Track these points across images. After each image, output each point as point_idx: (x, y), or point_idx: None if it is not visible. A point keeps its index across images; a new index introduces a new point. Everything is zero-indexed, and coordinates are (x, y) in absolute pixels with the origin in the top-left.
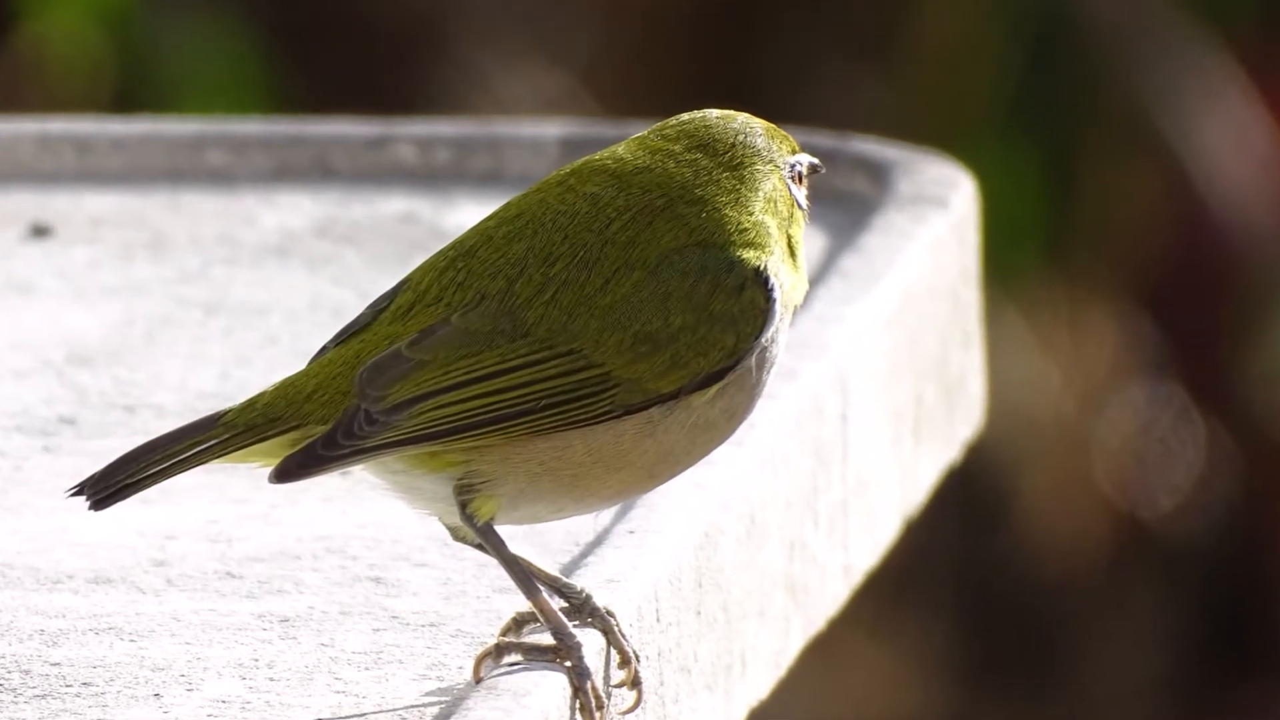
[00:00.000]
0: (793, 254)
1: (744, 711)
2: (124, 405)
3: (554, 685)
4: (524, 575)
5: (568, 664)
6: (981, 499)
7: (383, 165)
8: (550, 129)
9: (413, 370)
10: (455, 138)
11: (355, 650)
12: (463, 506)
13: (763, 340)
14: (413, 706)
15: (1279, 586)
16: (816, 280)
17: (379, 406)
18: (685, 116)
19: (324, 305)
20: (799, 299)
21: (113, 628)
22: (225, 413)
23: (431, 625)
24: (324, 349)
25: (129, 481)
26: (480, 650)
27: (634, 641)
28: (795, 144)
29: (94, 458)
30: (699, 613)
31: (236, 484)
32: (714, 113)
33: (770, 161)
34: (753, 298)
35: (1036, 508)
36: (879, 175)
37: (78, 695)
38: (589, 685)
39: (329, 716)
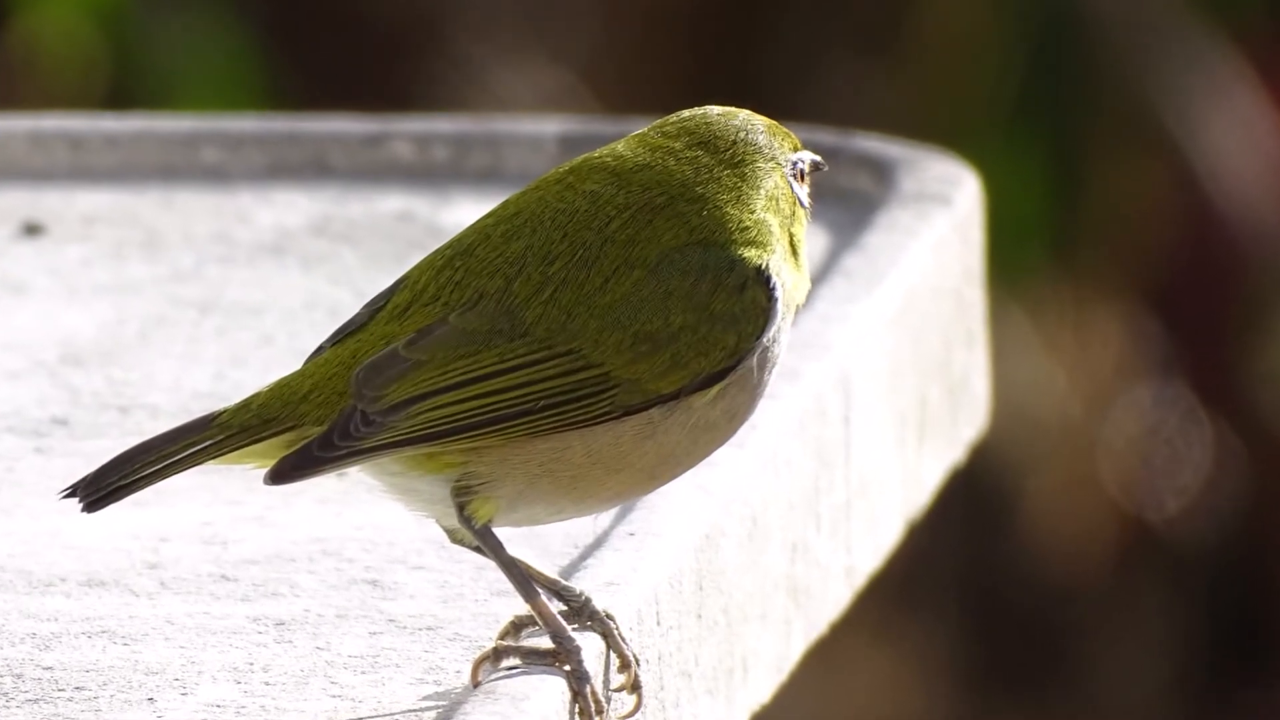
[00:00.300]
0: (795, 252)
1: (745, 716)
2: (117, 406)
3: (553, 689)
4: (522, 578)
5: (567, 668)
6: (986, 501)
7: (380, 163)
8: (549, 126)
9: (410, 370)
10: (453, 135)
11: (351, 654)
12: (460, 508)
13: (764, 340)
14: (410, 711)
15: None
16: (819, 279)
17: (375, 407)
18: (686, 113)
19: (320, 304)
20: (801, 298)
21: (106, 631)
22: (220, 413)
23: (429, 629)
24: (320, 349)
25: (122, 483)
26: (478, 654)
27: (634, 645)
28: (797, 141)
29: (87, 459)
30: (700, 616)
31: (231, 486)
32: (715, 109)
33: (772, 159)
34: (754, 297)
35: (1041, 509)
36: (882, 173)
37: (70, 700)
38: (588, 689)
39: None
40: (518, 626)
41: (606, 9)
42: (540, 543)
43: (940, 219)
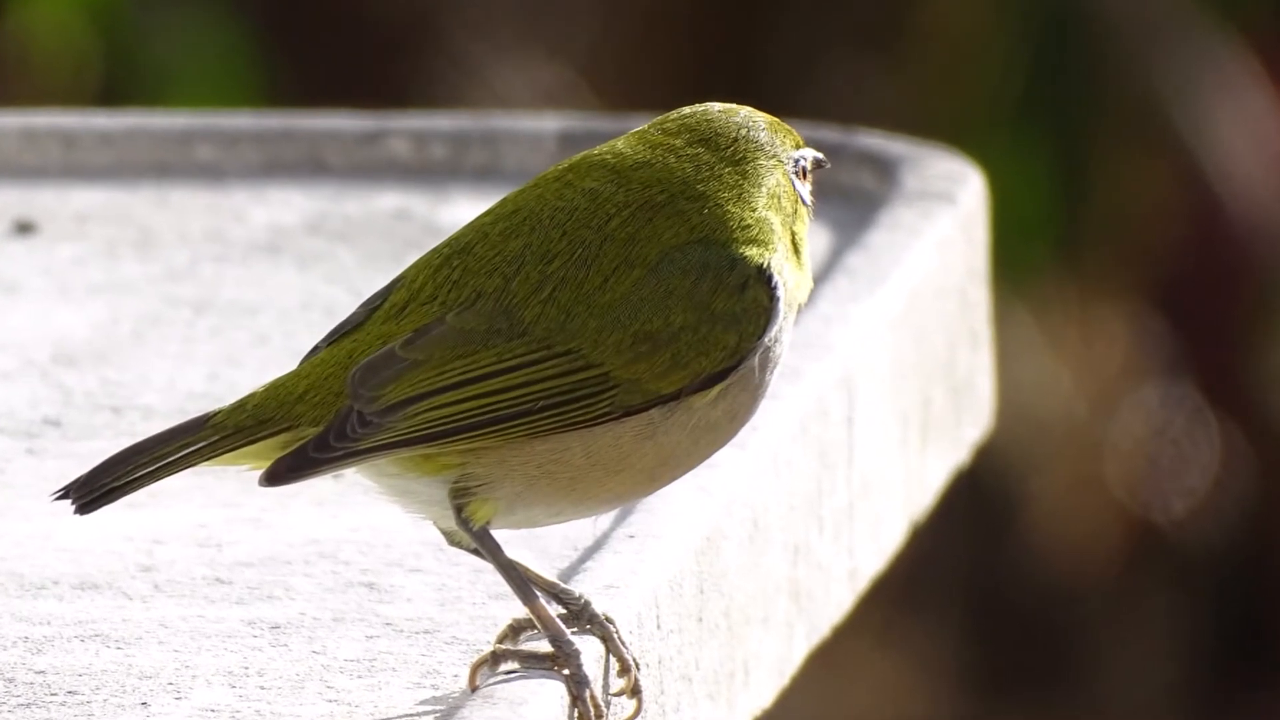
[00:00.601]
0: (797, 251)
1: None
2: (110, 406)
3: (551, 694)
4: (521, 581)
5: (566, 672)
6: (990, 502)
7: (376, 160)
8: (548, 123)
9: (407, 370)
10: (450, 132)
11: (347, 658)
12: (458, 510)
13: (766, 340)
14: (407, 715)
15: None
16: (821, 278)
17: (372, 408)
18: (687, 110)
19: (316, 304)
20: (803, 297)
21: (99, 635)
22: (215, 414)
23: (426, 632)
24: (316, 349)
25: (116, 485)
26: (476, 658)
27: (634, 649)
28: (799, 138)
29: (80, 460)
30: (700, 619)
31: (226, 487)
32: (716, 106)
33: (774, 156)
34: (755, 296)
35: (1046, 511)
36: (885, 170)
37: (63, 704)
38: (587, 694)
39: None
40: (516, 630)
41: (606, 6)
42: (539, 545)
43: (944, 217)
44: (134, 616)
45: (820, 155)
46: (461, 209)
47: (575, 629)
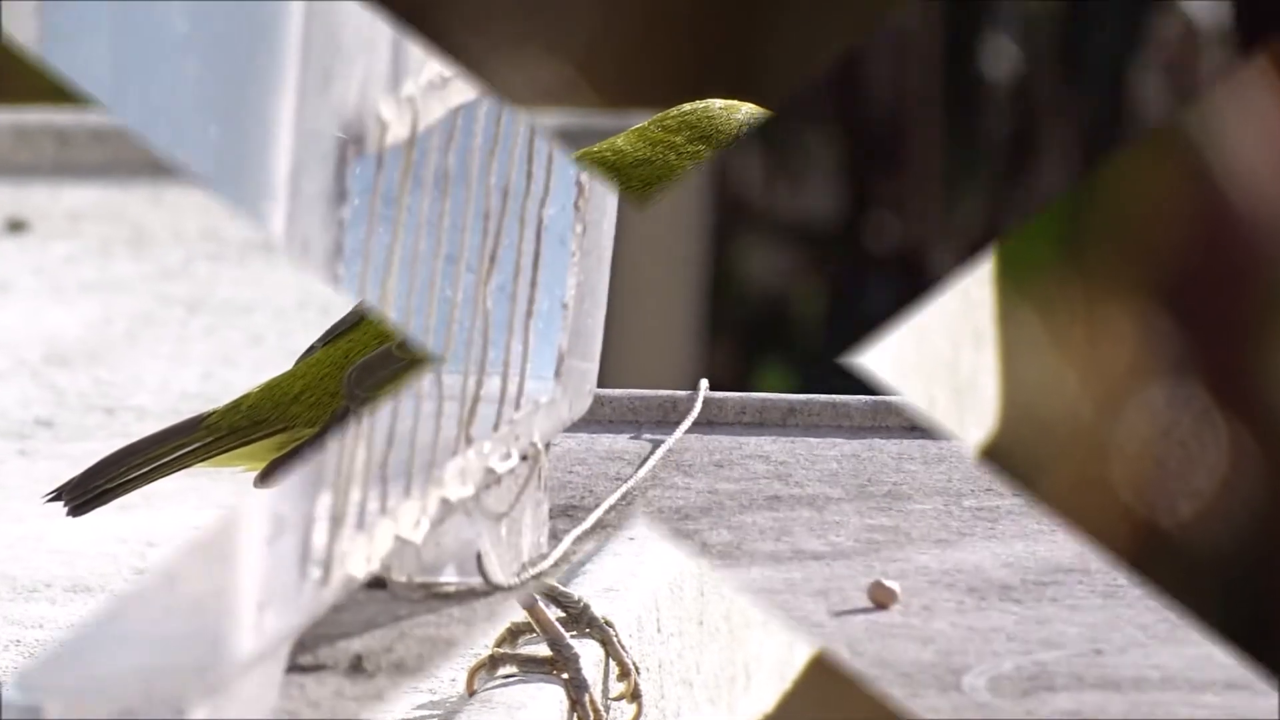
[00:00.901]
0: None
1: None
2: (103, 407)
3: (550, 698)
4: None
5: (565, 676)
6: None
7: None
8: (546, 120)
9: (404, 370)
10: None
11: None
12: None
13: None
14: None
15: None
16: None
17: (369, 408)
18: (687, 107)
19: (312, 303)
20: None
21: None
22: (209, 415)
23: None
24: (311, 349)
25: (109, 486)
26: (474, 662)
27: (634, 653)
28: None
29: (72, 461)
30: (701, 622)
31: (220, 489)
32: (717, 103)
33: None
34: None
35: (1051, 512)
36: None
37: None
38: (587, 698)
39: None
40: (514, 634)
41: (606, 3)
42: None
43: None
44: None
45: None
46: None
47: (574, 633)
